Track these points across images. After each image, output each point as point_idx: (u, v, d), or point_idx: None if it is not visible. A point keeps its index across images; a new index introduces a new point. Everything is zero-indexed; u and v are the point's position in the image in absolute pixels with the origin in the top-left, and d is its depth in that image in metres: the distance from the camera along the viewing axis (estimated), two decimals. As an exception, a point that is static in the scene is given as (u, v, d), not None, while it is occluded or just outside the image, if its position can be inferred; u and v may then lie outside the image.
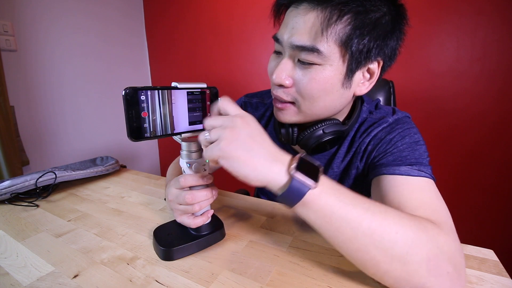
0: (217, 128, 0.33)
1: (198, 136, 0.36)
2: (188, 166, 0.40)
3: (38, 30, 1.38)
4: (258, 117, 0.65)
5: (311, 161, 0.33)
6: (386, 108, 0.55)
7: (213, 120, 0.34)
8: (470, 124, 1.18)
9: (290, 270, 0.37)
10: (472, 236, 1.24)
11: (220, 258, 0.40)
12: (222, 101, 0.35)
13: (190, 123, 0.38)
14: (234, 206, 0.58)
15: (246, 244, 0.44)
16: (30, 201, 0.59)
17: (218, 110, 0.36)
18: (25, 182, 0.61)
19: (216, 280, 0.36)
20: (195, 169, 0.40)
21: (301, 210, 0.32)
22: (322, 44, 0.40)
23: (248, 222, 0.51)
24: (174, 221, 0.45)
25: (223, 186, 0.64)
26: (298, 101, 0.46)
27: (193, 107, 0.38)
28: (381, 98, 0.80)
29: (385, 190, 0.41)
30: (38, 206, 0.58)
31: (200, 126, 0.40)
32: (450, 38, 1.14)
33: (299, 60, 0.42)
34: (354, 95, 0.47)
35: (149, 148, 2.15)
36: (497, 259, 0.40)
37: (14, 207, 0.58)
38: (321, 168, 0.33)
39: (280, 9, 0.46)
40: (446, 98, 1.20)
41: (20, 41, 1.31)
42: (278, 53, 0.47)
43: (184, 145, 0.39)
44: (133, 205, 0.59)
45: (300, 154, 0.34)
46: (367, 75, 0.45)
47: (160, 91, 0.34)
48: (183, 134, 0.38)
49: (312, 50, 0.40)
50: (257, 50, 1.59)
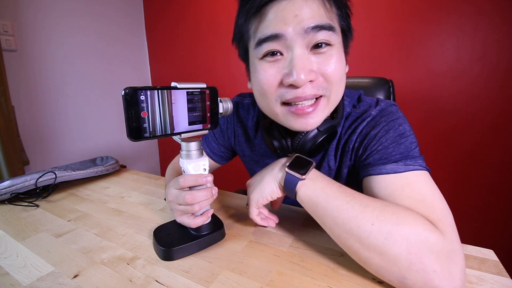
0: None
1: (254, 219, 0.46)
2: (188, 166, 0.40)
3: (38, 30, 1.38)
4: (248, 120, 0.62)
5: (305, 158, 0.41)
6: (369, 99, 0.52)
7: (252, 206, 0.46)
8: (470, 124, 1.18)
9: (290, 270, 0.37)
10: (472, 236, 1.24)
11: (220, 258, 0.40)
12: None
13: (190, 123, 0.38)
14: (234, 206, 0.58)
15: (246, 244, 0.44)
16: (30, 201, 0.59)
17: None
18: (25, 182, 0.61)
19: (216, 280, 0.36)
20: (195, 169, 0.40)
21: (298, 199, 0.40)
22: (333, 21, 0.40)
23: (248, 222, 0.51)
24: (174, 221, 0.45)
25: (223, 186, 0.64)
26: (328, 90, 0.41)
27: (193, 107, 0.38)
28: (381, 98, 0.80)
29: (375, 192, 0.40)
30: (38, 206, 0.59)
31: (199, 126, 0.40)
32: (450, 38, 1.14)
33: (314, 46, 0.39)
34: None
35: (149, 148, 2.15)
36: (497, 259, 0.40)
37: (14, 207, 0.58)
38: (313, 163, 0.40)
39: (261, 7, 0.40)
40: (446, 98, 1.20)
41: (20, 41, 1.31)
42: (272, 55, 0.40)
43: (183, 145, 0.39)
44: (133, 205, 0.59)
45: (296, 154, 0.40)
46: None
47: (159, 91, 0.34)
48: (183, 134, 0.38)
49: (329, 28, 0.39)
50: (257, 50, 1.59)
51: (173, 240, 0.41)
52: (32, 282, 0.36)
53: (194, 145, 0.39)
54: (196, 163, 0.40)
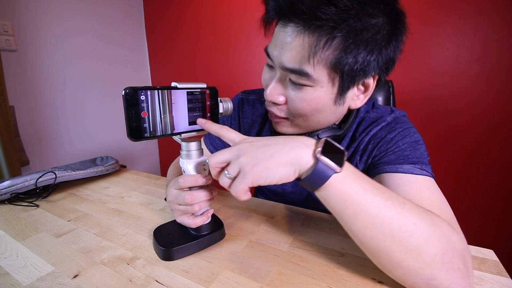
0: (231, 163, 0.33)
1: (220, 181, 0.34)
2: (188, 166, 0.40)
3: (38, 30, 1.38)
4: (255, 115, 0.65)
5: (336, 144, 0.33)
6: (383, 107, 0.55)
7: (218, 156, 0.34)
8: (470, 124, 1.18)
9: (290, 270, 0.37)
10: (472, 236, 1.23)
11: (220, 258, 0.40)
12: (223, 130, 0.37)
13: (190, 123, 0.38)
14: (234, 206, 0.58)
15: (246, 244, 0.44)
16: (30, 201, 0.59)
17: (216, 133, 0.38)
18: (25, 182, 0.61)
19: (216, 280, 0.36)
20: (195, 169, 0.40)
21: (322, 193, 0.32)
22: (310, 68, 0.38)
23: (248, 222, 0.51)
24: (174, 221, 0.45)
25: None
26: (291, 117, 0.46)
27: (193, 107, 0.38)
28: (380, 98, 0.80)
29: (391, 188, 0.41)
30: (38, 206, 0.58)
31: (199, 126, 0.40)
32: (450, 38, 1.14)
33: (290, 79, 0.42)
34: (349, 108, 0.47)
35: (149, 148, 2.15)
36: (497, 259, 0.40)
37: (14, 207, 0.58)
38: (346, 152, 0.33)
39: (268, 23, 0.44)
40: (446, 98, 1.20)
41: (20, 41, 1.31)
42: (270, 66, 0.46)
43: (184, 145, 0.39)
44: (133, 205, 0.59)
45: (325, 137, 0.34)
46: (362, 88, 0.44)
47: (160, 91, 0.34)
48: (183, 134, 0.38)
49: (301, 73, 0.39)
50: (256, 50, 1.59)
51: (173, 240, 0.41)
52: (32, 282, 0.35)
53: (194, 145, 0.39)
54: (196, 163, 0.40)
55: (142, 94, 0.33)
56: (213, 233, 0.43)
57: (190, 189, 0.40)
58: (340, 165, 0.31)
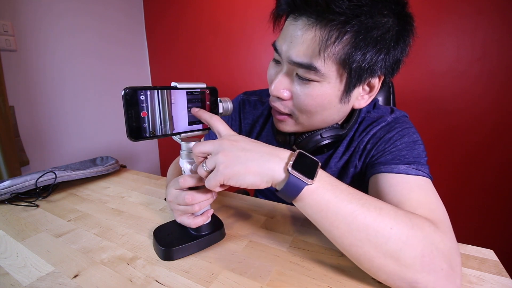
0: (209, 157, 0.34)
1: (197, 170, 0.36)
2: (188, 166, 0.40)
3: (38, 30, 1.38)
4: (256, 115, 0.65)
5: (310, 156, 0.34)
6: (384, 107, 0.55)
7: (201, 146, 0.35)
8: (470, 124, 1.18)
9: (290, 270, 0.37)
10: (472, 236, 1.24)
11: (220, 258, 0.40)
12: (212, 120, 0.37)
13: (190, 123, 0.38)
14: (234, 206, 0.58)
15: (246, 244, 0.44)
16: (30, 201, 0.59)
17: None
18: (25, 182, 0.61)
19: (216, 280, 0.36)
20: (195, 169, 0.40)
21: (299, 204, 0.34)
22: (319, 62, 0.38)
23: (248, 222, 0.51)
24: (174, 221, 0.45)
25: (223, 186, 0.64)
26: (295, 114, 0.46)
27: (192, 107, 0.38)
28: (380, 98, 0.80)
29: (383, 188, 0.41)
30: (38, 206, 0.58)
31: (199, 126, 0.40)
32: (450, 38, 1.14)
33: (297, 74, 0.42)
34: (352, 108, 0.47)
35: (149, 148, 2.15)
36: (497, 259, 0.40)
37: (14, 207, 0.58)
38: (319, 163, 0.34)
39: (278, 17, 0.45)
40: (446, 98, 1.20)
41: (20, 41, 1.31)
42: (277, 61, 0.46)
43: (183, 145, 0.39)
44: (133, 205, 0.59)
45: (298, 150, 0.35)
46: (367, 88, 0.45)
47: (159, 91, 0.34)
48: (183, 134, 0.38)
49: (309, 68, 0.39)
50: (257, 50, 1.59)
51: (173, 240, 0.41)
52: (32, 282, 0.35)
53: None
54: (196, 163, 0.40)
55: (142, 94, 0.33)
56: (213, 233, 0.43)
57: (190, 189, 0.40)
58: (311, 177, 0.32)
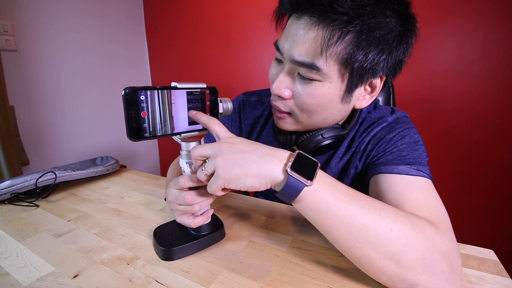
0: (208, 161, 0.34)
1: (197, 174, 0.36)
2: (188, 166, 0.40)
3: (38, 30, 1.38)
4: (257, 115, 0.65)
5: (309, 157, 0.34)
6: (384, 108, 0.55)
7: (199, 150, 0.35)
8: (470, 124, 1.18)
9: (290, 270, 0.37)
10: (472, 236, 1.24)
11: (220, 258, 0.40)
12: (210, 122, 0.37)
13: (190, 123, 0.38)
14: (234, 206, 0.58)
15: (246, 244, 0.44)
16: (30, 201, 0.59)
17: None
18: (25, 182, 0.61)
19: (216, 280, 0.36)
20: (195, 169, 0.40)
21: (298, 205, 0.34)
22: (321, 62, 0.38)
23: (248, 222, 0.51)
24: (174, 221, 0.45)
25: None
26: (295, 113, 0.46)
27: (192, 107, 0.38)
28: (380, 98, 0.80)
29: (383, 189, 0.41)
30: (38, 206, 0.58)
31: (199, 126, 0.40)
32: (450, 38, 1.14)
33: (299, 73, 0.42)
34: (353, 108, 0.47)
35: (149, 148, 2.15)
36: (497, 259, 0.40)
37: (14, 207, 0.58)
38: (318, 164, 0.34)
39: (281, 16, 0.45)
40: (446, 98, 1.20)
41: (20, 41, 1.31)
42: (279, 61, 0.46)
43: (183, 145, 0.39)
44: (133, 205, 0.59)
45: (298, 150, 0.34)
46: (369, 89, 0.45)
47: (159, 91, 0.34)
48: (183, 134, 0.38)
49: (311, 67, 0.39)
50: (257, 50, 1.59)
51: (173, 240, 0.41)
52: (32, 282, 0.35)
53: (194, 145, 0.39)
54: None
55: (142, 94, 0.33)
56: (213, 233, 0.43)
57: (190, 189, 0.40)
58: (310, 178, 0.31)
